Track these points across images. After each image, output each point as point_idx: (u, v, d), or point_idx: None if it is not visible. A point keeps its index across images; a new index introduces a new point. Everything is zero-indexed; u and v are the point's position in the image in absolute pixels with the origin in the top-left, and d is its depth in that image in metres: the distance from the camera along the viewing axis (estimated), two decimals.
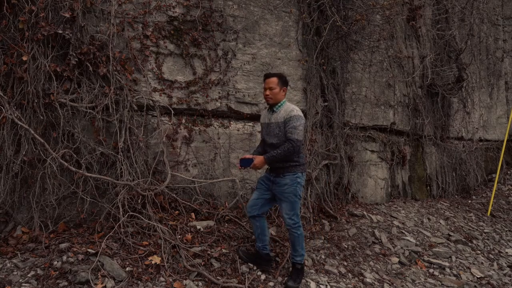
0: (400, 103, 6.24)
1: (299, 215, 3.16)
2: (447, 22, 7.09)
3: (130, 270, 2.92)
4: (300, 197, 3.13)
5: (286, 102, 3.15)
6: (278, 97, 3.10)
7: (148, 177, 3.67)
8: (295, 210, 3.11)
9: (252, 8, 4.53)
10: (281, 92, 3.11)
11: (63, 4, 3.36)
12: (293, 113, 3.01)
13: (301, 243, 3.19)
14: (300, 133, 2.98)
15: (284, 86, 3.13)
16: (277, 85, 3.08)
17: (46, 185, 3.32)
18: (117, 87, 3.60)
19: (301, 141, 3.00)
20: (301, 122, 3.00)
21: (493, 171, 8.42)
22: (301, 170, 3.11)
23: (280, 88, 3.10)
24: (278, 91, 3.08)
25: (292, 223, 3.12)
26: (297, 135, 2.96)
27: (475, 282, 3.95)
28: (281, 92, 3.10)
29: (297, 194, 3.09)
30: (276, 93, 3.08)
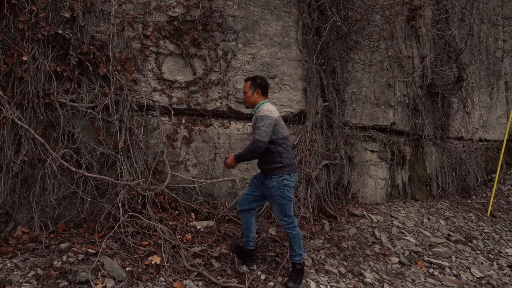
0: (400, 103, 6.24)
1: (292, 216, 3.16)
2: (447, 22, 7.09)
3: (130, 270, 2.92)
4: (289, 199, 3.11)
5: (264, 104, 3.15)
6: (251, 100, 3.19)
7: (148, 177, 3.67)
8: (285, 212, 3.12)
9: (252, 8, 4.54)
10: (255, 95, 3.18)
11: (63, 4, 3.36)
12: (259, 114, 3.06)
13: (298, 243, 3.18)
14: (262, 133, 2.97)
15: (258, 88, 3.18)
16: (249, 89, 3.19)
17: (46, 185, 3.32)
18: (117, 87, 3.60)
19: (263, 141, 2.97)
20: (265, 122, 2.98)
21: (493, 171, 8.42)
22: (287, 171, 3.09)
23: (253, 91, 3.18)
24: (250, 94, 3.18)
25: (285, 224, 3.14)
26: (258, 135, 2.97)
27: (475, 282, 3.95)
28: (254, 95, 3.18)
29: (285, 196, 3.08)
30: (248, 97, 3.19)
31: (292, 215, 3.16)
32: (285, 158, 3.09)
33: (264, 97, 3.22)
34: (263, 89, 3.22)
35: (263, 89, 3.22)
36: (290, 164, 3.12)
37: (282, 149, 3.08)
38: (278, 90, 4.69)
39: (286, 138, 3.13)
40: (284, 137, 3.11)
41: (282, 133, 3.09)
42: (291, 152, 3.16)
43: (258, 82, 3.20)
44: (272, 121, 3.01)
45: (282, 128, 3.11)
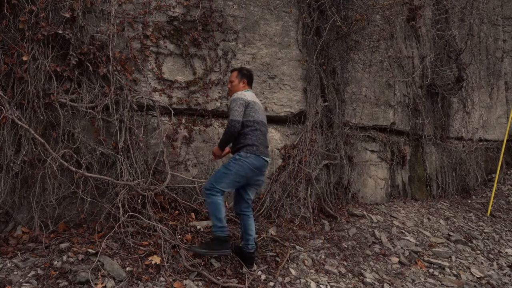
0: (400, 103, 6.24)
1: (218, 189, 3.00)
2: (447, 22, 7.09)
3: (130, 270, 2.92)
4: (230, 172, 3.02)
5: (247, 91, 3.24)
6: (235, 89, 3.32)
7: (148, 177, 3.66)
8: (216, 179, 3.04)
9: (252, 8, 4.54)
10: (240, 85, 3.33)
11: (63, 4, 3.36)
12: (232, 97, 3.15)
13: (214, 213, 3.03)
14: (235, 113, 3.05)
15: (244, 78, 3.33)
16: (236, 78, 3.34)
17: (46, 185, 3.32)
18: (117, 87, 3.60)
19: (235, 120, 3.03)
20: (236, 102, 3.08)
21: (493, 171, 8.42)
22: (248, 150, 3.06)
23: (239, 81, 3.33)
24: (236, 83, 3.33)
25: (206, 186, 3.06)
26: (232, 115, 3.06)
27: (475, 282, 3.95)
28: (240, 84, 3.33)
29: (231, 168, 3.03)
30: (234, 86, 3.33)
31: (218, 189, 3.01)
32: (248, 140, 3.09)
33: (248, 87, 3.36)
34: (249, 79, 3.38)
35: (249, 80, 3.37)
36: (250, 144, 3.08)
37: (249, 130, 3.10)
38: (278, 90, 4.69)
39: (256, 122, 3.13)
40: (254, 121, 3.12)
41: (253, 116, 3.12)
42: (258, 136, 3.12)
43: (244, 73, 3.36)
44: (243, 101, 3.09)
45: (255, 112, 3.14)
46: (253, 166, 3.07)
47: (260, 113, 3.21)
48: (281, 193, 4.47)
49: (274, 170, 4.61)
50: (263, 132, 3.19)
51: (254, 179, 3.20)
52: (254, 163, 3.07)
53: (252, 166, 3.07)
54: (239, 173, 3.04)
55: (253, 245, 3.31)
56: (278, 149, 4.69)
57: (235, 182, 3.08)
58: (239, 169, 3.04)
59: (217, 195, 3.03)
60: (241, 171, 3.05)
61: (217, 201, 3.02)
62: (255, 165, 3.08)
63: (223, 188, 3.04)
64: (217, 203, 3.02)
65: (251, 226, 3.31)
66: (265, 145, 3.20)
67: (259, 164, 3.10)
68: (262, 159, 3.12)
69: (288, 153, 4.71)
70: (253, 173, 3.11)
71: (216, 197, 3.02)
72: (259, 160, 3.10)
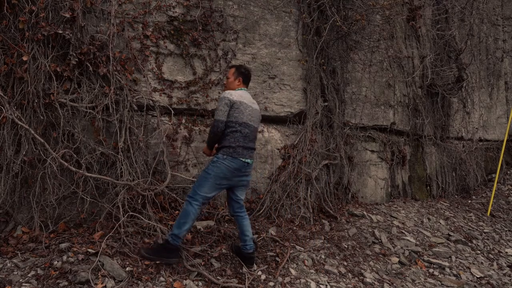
0: (400, 103, 6.24)
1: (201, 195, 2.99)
2: (447, 22, 7.09)
3: (130, 270, 2.92)
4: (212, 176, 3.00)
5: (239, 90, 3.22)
6: (231, 86, 3.31)
7: (148, 177, 3.67)
8: (198, 184, 3.03)
9: (252, 8, 4.54)
10: (236, 82, 3.30)
11: (63, 4, 3.36)
12: (220, 96, 3.14)
13: (180, 219, 2.98)
14: (219, 112, 3.05)
15: (240, 76, 3.31)
16: (232, 75, 3.32)
17: (46, 185, 3.32)
18: (117, 87, 3.60)
19: (219, 120, 3.03)
20: (221, 102, 3.07)
21: (493, 171, 8.42)
22: (224, 152, 3.04)
23: (235, 78, 3.31)
24: (232, 80, 3.31)
25: (190, 193, 3.04)
26: (216, 115, 3.06)
27: (475, 282, 3.95)
28: (235, 82, 3.30)
29: (210, 171, 3.02)
30: (230, 82, 3.32)
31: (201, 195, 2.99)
32: (226, 141, 3.06)
33: (244, 85, 3.33)
34: (245, 78, 3.34)
35: (245, 79, 3.34)
36: (230, 146, 3.05)
37: (229, 132, 3.07)
38: (278, 90, 4.69)
39: (238, 123, 3.07)
40: (236, 122, 3.07)
41: (236, 117, 3.07)
42: (237, 138, 3.06)
43: (242, 71, 3.33)
44: (228, 101, 3.07)
45: (239, 113, 3.08)
46: (231, 168, 3.04)
47: (246, 114, 3.12)
48: (281, 193, 4.47)
49: (274, 170, 4.61)
50: (244, 133, 3.11)
51: (236, 180, 3.14)
52: (232, 165, 3.03)
53: (230, 167, 3.03)
54: (218, 175, 3.02)
55: (251, 246, 3.29)
56: (278, 149, 4.69)
57: (216, 185, 3.04)
58: (217, 172, 3.02)
59: (194, 204, 2.99)
60: (220, 173, 3.02)
61: (189, 211, 2.98)
62: (233, 167, 3.04)
63: (206, 193, 3.01)
64: (188, 213, 2.98)
65: (246, 227, 3.28)
66: (245, 147, 3.11)
67: (237, 166, 3.06)
68: (240, 161, 3.06)
69: (288, 153, 4.71)
70: (233, 174, 3.07)
71: (192, 206, 2.98)
72: (237, 162, 3.05)
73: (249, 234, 3.29)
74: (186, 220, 2.99)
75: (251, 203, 4.40)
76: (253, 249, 3.31)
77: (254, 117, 3.23)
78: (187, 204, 3.02)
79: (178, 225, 3.00)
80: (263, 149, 4.58)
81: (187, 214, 2.99)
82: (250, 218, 4.20)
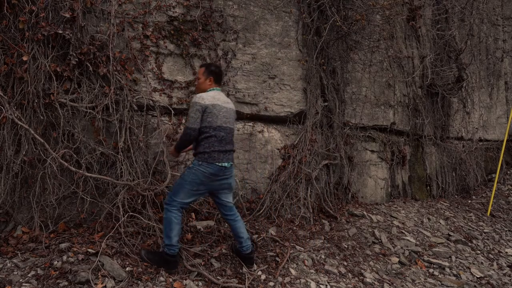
0: (400, 103, 6.24)
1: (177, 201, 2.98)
2: (447, 22, 7.09)
3: (130, 270, 2.92)
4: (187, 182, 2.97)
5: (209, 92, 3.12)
6: (202, 86, 3.20)
7: (148, 177, 3.67)
8: (174, 191, 3.01)
9: (252, 8, 4.54)
10: (207, 82, 3.19)
11: (63, 4, 3.36)
12: (191, 101, 3.04)
13: (165, 229, 2.97)
14: (191, 120, 2.96)
15: (210, 76, 3.18)
16: (202, 75, 3.20)
17: (46, 185, 3.32)
18: (117, 87, 3.60)
19: (191, 128, 2.95)
20: (193, 108, 2.97)
21: (493, 171, 8.42)
22: (199, 158, 2.99)
23: (206, 78, 3.18)
24: (203, 81, 3.20)
25: (166, 200, 3.03)
26: (188, 122, 2.99)
27: (475, 282, 3.95)
28: (206, 82, 3.19)
29: (186, 178, 2.98)
30: (201, 83, 3.21)
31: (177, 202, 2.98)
32: (201, 147, 3.00)
33: (216, 85, 3.21)
34: (217, 77, 3.21)
35: (216, 77, 3.21)
36: (206, 152, 2.98)
37: (203, 137, 3.00)
38: (278, 90, 4.69)
39: (212, 128, 3.00)
40: (210, 127, 2.99)
41: (209, 122, 2.98)
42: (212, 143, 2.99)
43: (212, 70, 3.20)
44: (200, 107, 2.97)
45: (212, 117, 2.99)
46: (207, 173, 2.98)
47: (220, 117, 3.04)
48: (281, 193, 4.47)
49: (274, 170, 4.61)
50: (220, 137, 3.03)
51: (215, 184, 3.08)
52: (208, 170, 2.97)
53: (205, 173, 2.97)
54: (194, 181, 2.97)
55: (248, 246, 3.25)
56: (278, 149, 4.69)
57: (192, 191, 3.00)
58: (193, 178, 2.97)
59: (172, 210, 2.97)
60: (196, 179, 2.97)
61: (170, 218, 2.96)
62: (209, 172, 2.98)
63: (182, 199, 2.99)
64: (169, 220, 2.96)
65: (239, 228, 3.23)
66: (221, 150, 3.03)
67: (213, 171, 2.99)
68: (216, 166, 2.99)
69: (288, 153, 4.71)
70: (211, 179, 3.01)
71: (171, 212, 2.96)
72: (213, 167, 2.98)
73: (243, 235, 3.24)
74: (171, 227, 2.96)
75: (251, 203, 4.40)
76: (251, 249, 3.28)
77: (229, 118, 3.14)
78: (166, 212, 2.98)
79: (167, 235, 2.97)
80: (263, 149, 4.58)
81: (169, 221, 2.96)
82: (250, 218, 4.20)
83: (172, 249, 2.97)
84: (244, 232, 3.25)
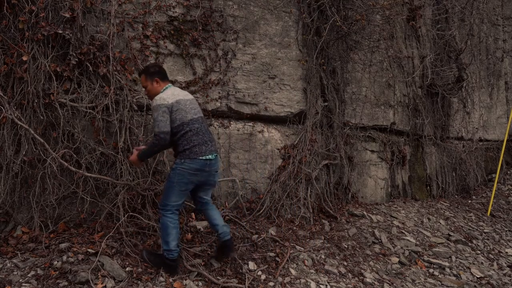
0: (400, 103, 6.24)
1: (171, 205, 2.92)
2: (447, 22, 7.09)
3: (130, 270, 2.92)
4: (175, 184, 2.89)
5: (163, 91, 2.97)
6: (152, 92, 3.02)
7: (148, 177, 3.67)
8: (165, 195, 2.94)
9: (252, 8, 4.54)
10: (154, 85, 3.01)
11: (63, 4, 3.36)
12: (152, 104, 2.89)
13: (162, 235, 2.93)
14: (160, 124, 2.80)
15: (154, 77, 3.01)
16: (146, 81, 3.03)
17: (46, 185, 3.32)
18: (117, 87, 3.60)
19: (163, 132, 2.80)
20: (159, 111, 2.81)
21: (493, 171, 8.42)
22: (181, 156, 2.88)
23: (151, 82, 3.01)
24: (150, 87, 3.02)
25: (160, 206, 2.98)
26: (157, 127, 2.82)
27: (475, 282, 3.95)
28: (154, 85, 3.01)
29: (172, 179, 2.89)
30: (149, 90, 3.04)
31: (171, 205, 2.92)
32: (180, 146, 2.90)
33: (165, 82, 3.05)
34: (160, 75, 3.04)
35: (160, 75, 3.04)
36: (182, 151, 2.89)
37: (179, 136, 2.88)
38: (278, 90, 4.69)
39: (185, 123, 2.88)
40: (182, 123, 2.88)
41: (180, 119, 2.87)
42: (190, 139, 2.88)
43: (152, 71, 3.03)
44: (166, 108, 2.83)
45: (180, 113, 2.88)
46: (193, 170, 2.88)
47: (188, 110, 2.92)
48: (281, 193, 4.47)
49: (274, 170, 4.61)
50: (195, 130, 2.91)
51: (203, 180, 3.00)
52: (192, 166, 2.87)
53: (191, 170, 2.88)
54: (181, 181, 2.89)
55: (226, 233, 3.11)
56: (278, 149, 4.69)
57: (181, 192, 2.93)
58: (180, 178, 2.88)
59: (167, 215, 2.92)
60: (183, 179, 2.89)
61: (166, 223, 2.91)
62: (194, 168, 2.88)
63: (175, 201, 2.93)
64: (166, 225, 2.91)
65: (214, 215, 3.14)
66: (201, 142, 2.92)
67: (198, 165, 2.89)
68: (200, 160, 2.89)
69: (288, 153, 4.71)
70: (197, 176, 2.92)
71: (166, 217, 2.91)
72: (196, 162, 2.88)
73: (218, 222, 3.12)
74: (168, 232, 2.91)
75: (251, 203, 4.40)
76: (228, 235, 3.13)
77: (196, 108, 3.03)
78: (161, 218, 2.94)
79: (164, 241, 2.94)
80: (263, 149, 4.58)
81: (166, 226, 2.92)
82: (250, 218, 4.20)
83: (171, 253, 2.94)
84: (219, 219, 3.15)
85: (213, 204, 3.24)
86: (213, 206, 3.23)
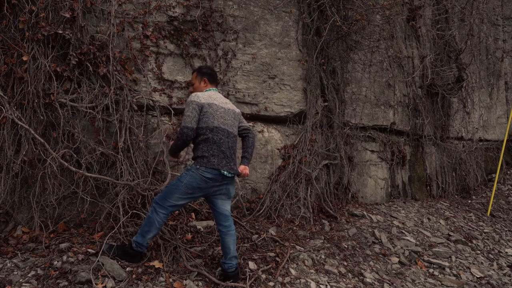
0: (400, 103, 6.24)
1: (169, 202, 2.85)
2: (447, 22, 7.09)
3: (130, 270, 2.92)
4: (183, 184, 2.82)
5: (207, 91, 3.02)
6: (197, 90, 3.15)
7: (148, 177, 3.66)
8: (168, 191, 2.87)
9: (252, 8, 4.54)
10: (202, 84, 3.14)
11: (63, 4, 3.36)
12: (187, 101, 2.92)
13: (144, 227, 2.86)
14: (187, 119, 2.81)
15: (204, 77, 3.13)
16: (195, 79, 3.16)
17: (46, 185, 3.32)
18: (117, 87, 3.60)
19: (187, 127, 2.80)
20: (189, 107, 2.84)
21: (493, 171, 8.42)
22: (198, 162, 2.84)
23: (200, 80, 3.14)
24: (197, 84, 3.15)
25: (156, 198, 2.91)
26: (184, 121, 2.83)
27: (475, 282, 3.95)
28: (201, 84, 3.14)
29: (182, 179, 2.84)
30: (196, 87, 3.16)
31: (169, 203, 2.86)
32: (199, 151, 2.86)
33: (211, 85, 3.14)
34: (210, 77, 3.14)
35: (210, 78, 3.14)
36: (201, 156, 2.84)
37: (200, 140, 2.86)
38: (278, 90, 4.69)
39: (209, 129, 2.84)
40: (206, 127, 2.84)
41: (206, 122, 2.84)
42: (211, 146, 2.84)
43: (204, 71, 3.16)
44: (197, 106, 2.84)
45: (209, 117, 2.85)
46: (206, 177, 2.82)
47: (216, 117, 2.88)
48: (281, 193, 4.47)
49: (274, 170, 4.61)
50: (218, 140, 2.85)
51: (213, 189, 2.90)
52: (206, 175, 2.81)
53: (204, 177, 2.81)
54: (191, 184, 2.82)
55: (232, 265, 2.99)
56: (278, 149, 4.69)
57: (187, 194, 2.85)
58: (190, 180, 2.82)
59: (160, 213, 2.85)
60: (193, 182, 2.82)
61: (154, 220, 2.84)
62: (207, 177, 2.82)
63: (175, 201, 2.86)
64: (152, 222, 2.85)
65: (228, 243, 2.99)
66: (221, 156, 2.85)
67: (212, 176, 2.82)
68: (215, 171, 2.82)
69: (288, 153, 4.71)
70: (208, 184, 2.84)
71: (157, 215, 2.85)
72: (211, 172, 2.82)
73: (230, 251, 2.98)
74: (150, 229, 2.86)
75: (251, 203, 4.40)
76: (234, 268, 3.00)
77: (227, 119, 2.95)
78: (152, 212, 2.86)
79: (142, 233, 2.88)
80: (263, 149, 4.58)
81: (151, 222, 2.85)
82: (250, 218, 4.20)
83: (140, 247, 2.91)
84: (233, 249, 3.00)
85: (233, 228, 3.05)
86: (233, 231, 3.03)
